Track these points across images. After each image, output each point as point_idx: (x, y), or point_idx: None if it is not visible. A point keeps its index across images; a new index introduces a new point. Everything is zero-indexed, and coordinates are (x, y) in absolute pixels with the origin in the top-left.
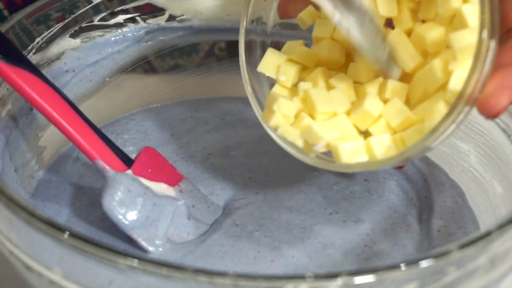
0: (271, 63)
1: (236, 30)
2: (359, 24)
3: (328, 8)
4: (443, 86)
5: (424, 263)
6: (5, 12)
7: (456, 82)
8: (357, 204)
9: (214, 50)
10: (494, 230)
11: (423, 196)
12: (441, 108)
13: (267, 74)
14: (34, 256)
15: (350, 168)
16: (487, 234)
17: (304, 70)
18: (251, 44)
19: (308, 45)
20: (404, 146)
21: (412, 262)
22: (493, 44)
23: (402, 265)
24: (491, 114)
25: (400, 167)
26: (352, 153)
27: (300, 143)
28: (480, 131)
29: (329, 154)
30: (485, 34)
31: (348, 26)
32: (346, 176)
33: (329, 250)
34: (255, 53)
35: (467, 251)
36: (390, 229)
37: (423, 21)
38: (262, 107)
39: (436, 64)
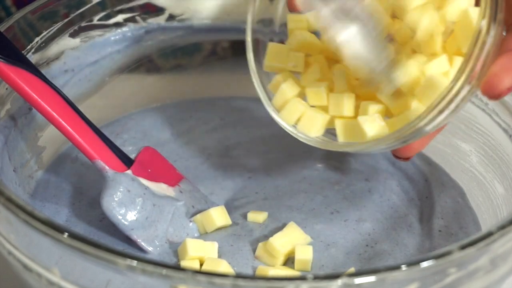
0: (276, 55)
1: (236, 30)
2: (361, 34)
3: (326, 19)
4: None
5: (425, 264)
6: (13, 9)
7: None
8: (358, 204)
9: (217, 50)
10: (495, 230)
11: (424, 196)
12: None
13: (275, 67)
14: (33, 256)
15: (349, 147)
16: (489, 234)
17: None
18: (259, 43)
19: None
20: (400, 125)
21: (413, 263)
22: (494, 28)
23: (403, 266)
24: (494, 94)
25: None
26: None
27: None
28: (481, 131)
29: (329, 136)
30: (485, 20)
31: (348, 38)
32: (348, 175)
33: (331, 249)
34: (262, 52)
35: (468, 251)
36: (391, 229)
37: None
38: (270, 99)
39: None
